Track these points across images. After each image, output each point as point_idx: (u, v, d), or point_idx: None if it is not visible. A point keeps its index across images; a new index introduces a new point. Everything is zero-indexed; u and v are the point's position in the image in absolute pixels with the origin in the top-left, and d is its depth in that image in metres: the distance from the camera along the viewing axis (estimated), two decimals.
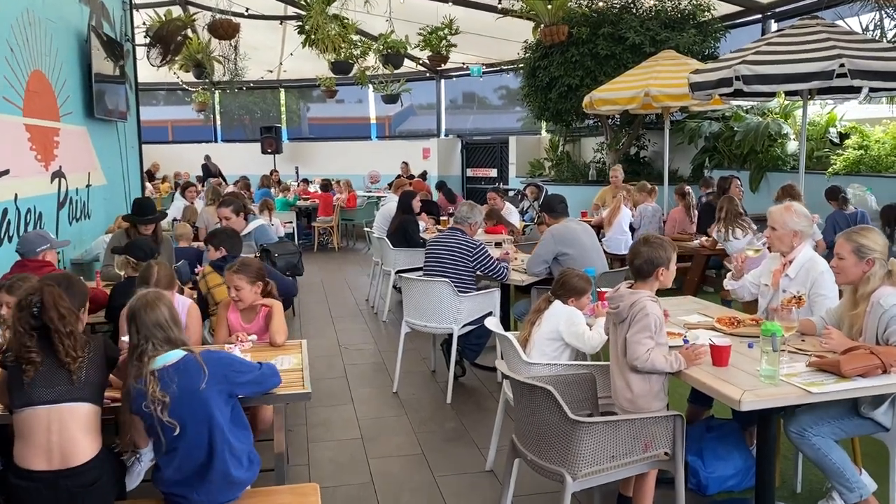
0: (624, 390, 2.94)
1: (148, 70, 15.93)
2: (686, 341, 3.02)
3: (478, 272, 5.07)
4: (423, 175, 15.29)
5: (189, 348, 2.62)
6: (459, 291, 4.86)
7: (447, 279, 4.89)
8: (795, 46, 5.89)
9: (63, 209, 6.29)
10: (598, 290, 4.05)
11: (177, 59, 10.84)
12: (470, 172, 16.72)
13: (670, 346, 2.96)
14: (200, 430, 2.52)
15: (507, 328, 5.51)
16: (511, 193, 10.95)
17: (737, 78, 5.92)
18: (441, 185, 10.38)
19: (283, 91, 19.15)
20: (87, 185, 7.11)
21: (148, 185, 15.71)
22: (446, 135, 17.41)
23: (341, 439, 4.33)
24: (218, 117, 19.25)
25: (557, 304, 3.58)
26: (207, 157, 16.91)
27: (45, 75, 6.01)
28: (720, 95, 6.88)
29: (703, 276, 6.77)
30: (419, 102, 19.13)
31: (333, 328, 7.02)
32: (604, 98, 8.18)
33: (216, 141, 19.20)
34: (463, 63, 14.08)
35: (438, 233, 7.64)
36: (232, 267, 3.66)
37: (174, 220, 8.71)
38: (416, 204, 7.46)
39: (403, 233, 7.29)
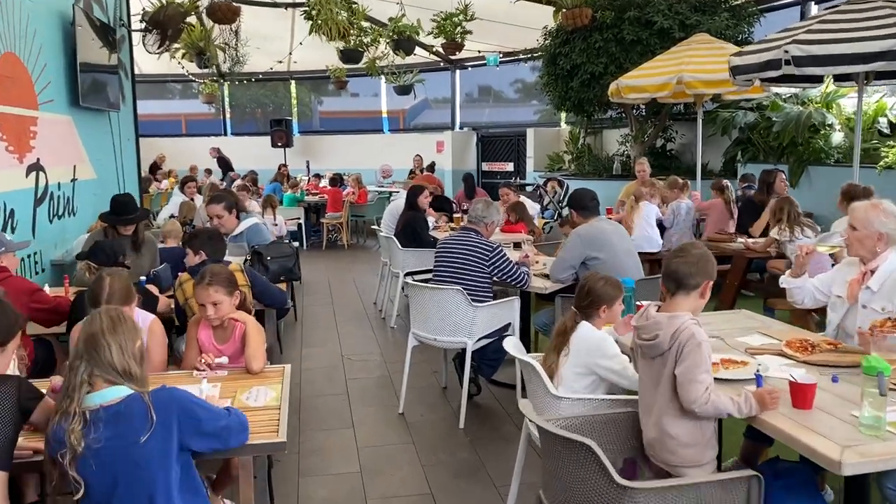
0: (665, 439, 2.34)
1: (157, 62, 15.47)
2: (759, 378, 2.40)
3: (494, 278, 4.47)
4: (431, 168, 14.66)
5: (139, 387, 2.05)
6: (473, 301, 4.27)
7: (459, 286, 4.30)
8: (854, 24, 5.21)
9: (42, 205, 5.77)
10: (637, 302, 3.44)
11: (176, 46, 10.30)
12: (485, 166, 16.09)
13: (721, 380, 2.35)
14: (136, 494, 1.95)
15: (527, 342, 4.92)
16: (530, 188, 10.31)
17: (787, 62, 5.25)
18: (467, 178, 9.76)
19: (293, 83, 18.60)
20: (73, 180, 6.58)
21: (165, 181, 15.32)
22: (461, 127, 16.78)
23: (338, 473, 3.76)
24: (227, 110, 18.75)
25: (585, 327, 2.94)
26: (218, 150, 16.42)
27: (19, 59, 5.48)
28: (762, 81, 6.21)
29: (744, 280, 6.12)
30: (434, 96, 18.53)
31: (337, 334, 6.46)
32: (632, 85, 7.53)
33: (225, 134, 18.71)
34: (479, 51, 13.42)
35: (450, 233, 7.06)
36: (203, 280, 3.07)
37: (171, 216, 8.21)
38: (425, 200, 6.87)
39: (411, 231, 6.71)
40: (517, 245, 6.37)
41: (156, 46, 8.51)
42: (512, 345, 3.07)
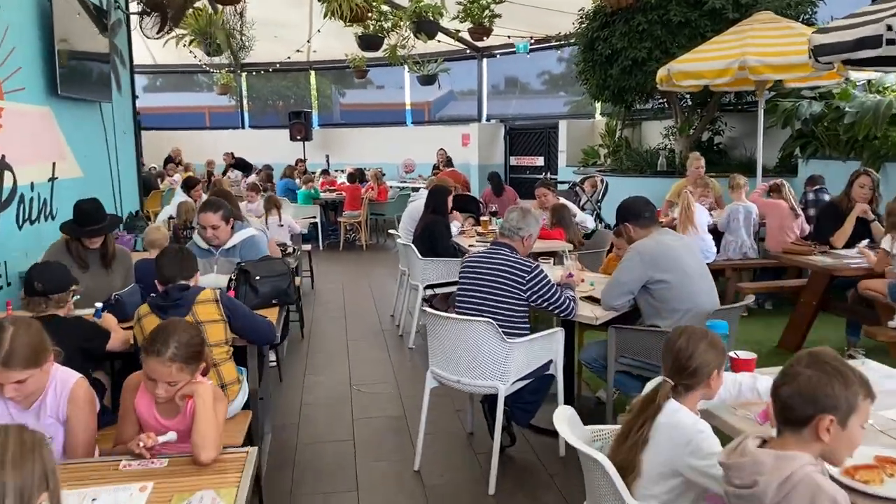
0: None
1: (173, 52, 14.81)
2: None
3: (532, 305, 3.61)
4: (448, 162, 13.78)
5: None
6: (507, 335, 3.42)
7: (490, 317, 3.46)
8: None
9: (7, 209, 5.02)
10: (734, 354, 2.57)
11: (182, 31, 9.56)
12: (514, 161, 15.18)
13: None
14: None
15: (570, 382, 4.06)
16: (564, 187, 9.39)
17: (890, 40, 4.30)
18: (493, 177, 8.88)
19: (313, 73, 17.83)
20: (52, 179, 5.84)
21: (177, 175, 14.69)
22: (488, 119, 15.88)
23: None
24: (245, 102, 18.05)
25: (677, 411, 2.04)
26: (231, 155, 15.71)
27: None
28: (847, 64, 5.25)
29: (825, 299, 5.17)
30: (460, 88, 17.62)
31: (347, 357, 5.64)
32: (686, 71, 6.59)
33: (242, 127, 18.02)
34: (508, 36, 12.50)
35: (476, 238, 6.20)
36: (159, 351, 2.22)
37: (170, 217, 7.47)
38: (450, 202, 6.03)
39: (429, 237, 5.88)
40: (551, 255, 5.49)
41: (154, 31, 7.74)
42: (564, 420, 2.22)
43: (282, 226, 7.27)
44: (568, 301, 3.63)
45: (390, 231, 6.86)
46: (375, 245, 11.67)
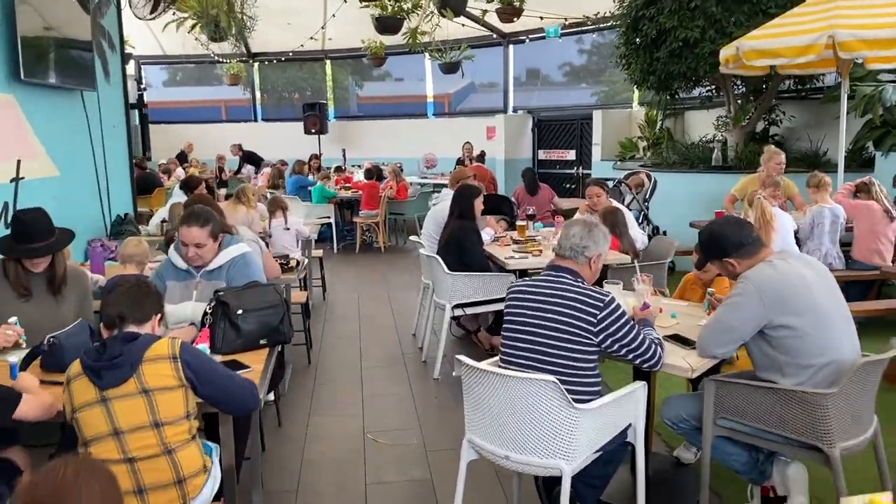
0: None
1: (181, 41, 14.00)
2: None
3: (605, 352, 2.68)
4: (482, 157, 12.79)
5: None
6: (575, 395, 2.49)
7: (549, 371, 2.54)
8: None
9: None
10: None
11: (179, 13, 8.69)
12: (542, 155, 14.19)
13: None
14: None
15: (649, 443, 3.12)
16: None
17: None
18: (527, 173, 7.93)
19: (328, 62, 16.95)
20: (15, 179, 5.00)
21: (179, 170, 13.93)
22: (514, 111, 14.89)
23: None
24: (257, 94, 17.22)
25: None
26: (240, 147, 14.94)
27: None
28: None
29: None
30: (480, 81, 16.66)
31: (361, 392, 4.73)
32: (759, 48, 5.57)
33: (255, 120, 17.20)
34: (541, 17, 11.48)
35: (513, 247, 5.26)
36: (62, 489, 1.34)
37: (163, 221, 6.62)
38: (479, 205, 5.09)
39: (457, 247, 4.96)
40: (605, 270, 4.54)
41: (147, 10, 6.89)
42: None
43: (287, 229, 6.37)
44: (653, 347, 2.69)
45: (411, 237, 5.93)
46: (394, 247, 10.77)
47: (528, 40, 13.32)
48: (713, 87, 9.38)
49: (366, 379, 4.97)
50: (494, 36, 13.91)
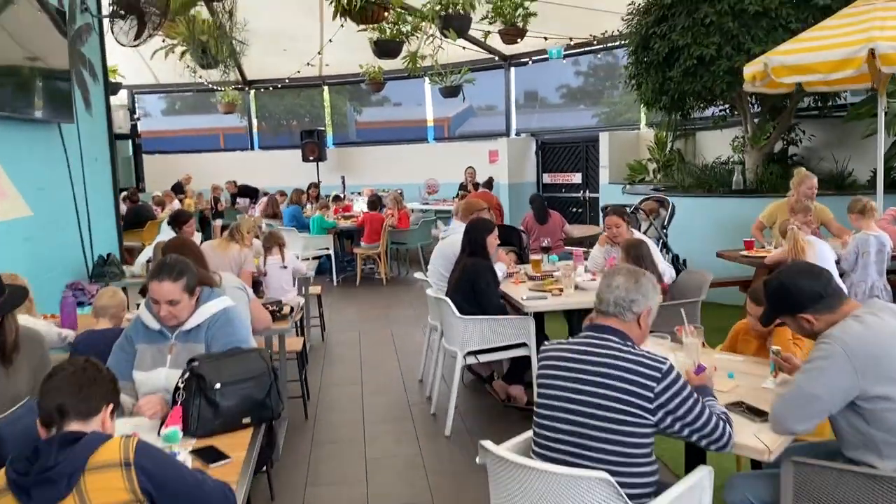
0: None
1: (173, 69, 13.66)
2: None
3: (665, 433, 2.18)
4: (489, 183, 12.38)
5: None
6: (630, 491, 2.00)
7: (597, 462, 2.05)
8: None
9: None
10: None
11: (168, 40, 8.30)
12: (547, 178, 13.76)
13: None
14: None
15: None
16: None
17: None
18: (535, 200, 7.47)
19: (326, 89, 16.61)
20: None
21: (175, 201, 13.54)
22: (517, 133, 14.50)
23: None
24: (253, 121, 16.87)
25: None
26: (234, 184, 14.58)
27: None
28: None
29: None
30: (479, 104, 16.31)
31: (364, 454, 4.22)
32: (790, 64, 5.14)
33: (252, 148, 16.82)
34: (545, 37, 11.11)
35: (529, 284, 4.79)
36: None
37: (148, 261, 6.16)
38: (494, 241, 4.62)
39: (470, 287, 4.48)
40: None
41: (131, 37, 6.47)
42: None
43: (285, 267, 5.89)
44: (721, 424, 2.20)
45: (417, 275, 5.45)
46: (396, 278, 10.29)
47: (531, 62, 12.93)
48: (727, 106, 8.96)
49: (369, 437, 4.46)
50: (496, 58, 13.55)
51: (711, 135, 10.27)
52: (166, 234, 6.74)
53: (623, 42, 9.30)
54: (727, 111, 9.16)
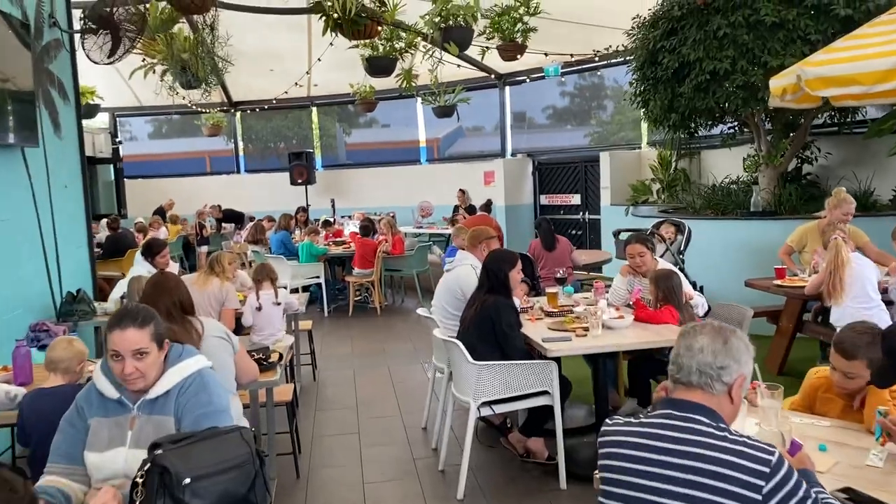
0: None
1: (157, 92, 13.15)
2: None
3: None
4: (488, 206, 11.96)
5: None
6: None
7: None
8: None
9: None
10: None
11: (151, 60, 7.81)
12: (545, 200, 13.33)
13: None
14: None
15: None
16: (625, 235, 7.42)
17: None
18: (542, 224, 6.97)
19: (314, 110, 16.16)
20: None
21: (162, 227, 12.96)
22: (513, 154, 14.08)
23: None
24: (239, 144, 16.38)
25: None
26: (219, 208, 14.07)
27: None
28: None
29: None
30: (469, 124, 15.89)
31: None
32: (827, 75, 4.69)
33: (238, 171, 16.30)
34: (546, 53, 10.71)
35: (548, 321, 4.28)
36: None
37: (122, 297, 5.60)
38: (518, 277, 4.11)
39: (490, 329, 3.96)
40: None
41: (104, 54, 5.97)
42: None
43: (279, 304, 5.33)
44: None
45: (419, 311, 4.90)
46: (391, 307, 9.75)
47: (528, 80, 12.54)
48: (736, 123, 8.55)
49: (371, 500, 3.90)
50: (492, 77, 13.16)
51: (718, 153, 9.88)
52: (140, 265, 6.21)
53: (627, 58, 8.89)
54: (736, 129, 8.75)
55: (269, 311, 5.21)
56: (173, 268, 6.52)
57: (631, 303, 4.44)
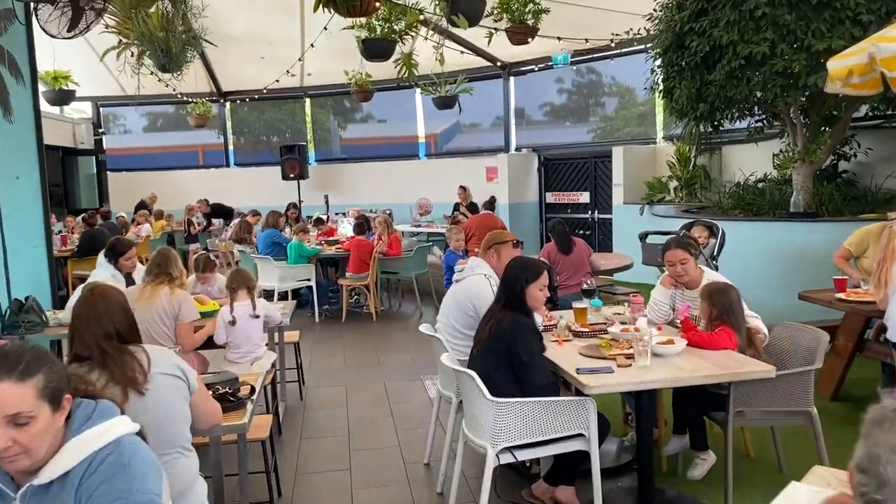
0: None
1: (144, 81, 12.37)
2: None
3: None
4: (491, 203, 11.14)
5: None
6: None
7: None
8: None
9: None
10: None
11: (125, 40, 7.02)
12: (551, 198, 12.60)
13: None
14: None
15: None
16: (654, 238, 6.68)
17: None
18: (557, 227, 6.21)
19: (308, 101, 15.39)
20: None
21: (146, 225, 12.20)
22: (517, 149, 13.33)
23: None
24: (229, 136, 15.61)
25: None
26: (206, 202, 13.33)
27: None
28: None
29: None
30: (464, 121, 15.09)
31: None
32: None
33: (227, 165, 15.53)
34: (559, 38, 9.95)
35: (578, 343, 3.55)
36: None
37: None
38: (540, 294, 3.37)
39: (506, 355, 3.22)
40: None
41: (63, 27, 5.21)
42: None
43: (256, 317, 4.59)
44: None
45: (422, 328, 4.15)
46: (387, 312, 9.01)
47: (536, 69, 11.80)
48: (764, 116, 7.84)
49: None
50: (497, 65, 12.41)
51: (743, 149, 9.16)
52: (103, 268, 5.47)
53: (647, 46, 8.15)
54: (764, 122, 8.03)
55: (246, 326, 4.48)
56: (141, 271, 5.74)
57: (678, 321, 3.72)
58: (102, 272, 5.45)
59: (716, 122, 7.63)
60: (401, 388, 5.78)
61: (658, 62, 7.57)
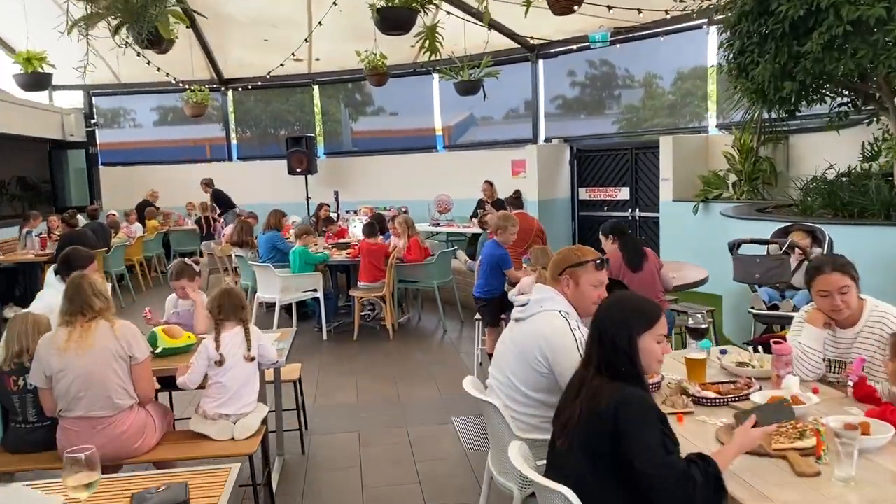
0: None
1: (137, 68, 11.28)
2: None
3: None
4: (517, 198, 9.83)
5: None
6: None
7: None
8: None
9: None
10: None
11: (99, 10, 5.89)
12: (585, 194, 11.38)
13: None
14: None
15: None
16: (754, 249, 5.38)
17: None
18: (618, 232, 4.96)
19: (316, 89, 14.22)
20: None
21: (135, 225, 11.14)
22: (547, 140, 12.10)
23: None
24: (232, 127, 14.49)
25: None
26: (211, 182, 12.27)
27: None
28: None
29: None
30: (478, 114, 13.81)
31: None
32: None
33: (230, 159, 14.40)
34: (609, 7, 8.68)
35: (678, 400, 2.31)
36: None
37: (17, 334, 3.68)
38: (656, 348, 2.16)
39: (609, 450, 2.00)
40: None
41: None
42: None
43: (252, 359, 3.43)
44: None
45: (472, 390, 2.94)
46: (405, 327, 7.83)
47: (575, 48, 10.56)
48: (856, 96, 6.57)
49: None
50: (525, 48, 11.18)
51: (816, 137, 7.92)
52: (53, 288, 4.35)
53: (718, 16, 6.89)
54: (850, 105, 6.76)
55: (237, 371, 3.34)
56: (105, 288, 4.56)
57: (850, 382, 2.52)
58: (49, 294, 4.32)
59: (796, 107, 6.38)
60: (427, 437, 4.61)
61: (727, 35, 6.32)
